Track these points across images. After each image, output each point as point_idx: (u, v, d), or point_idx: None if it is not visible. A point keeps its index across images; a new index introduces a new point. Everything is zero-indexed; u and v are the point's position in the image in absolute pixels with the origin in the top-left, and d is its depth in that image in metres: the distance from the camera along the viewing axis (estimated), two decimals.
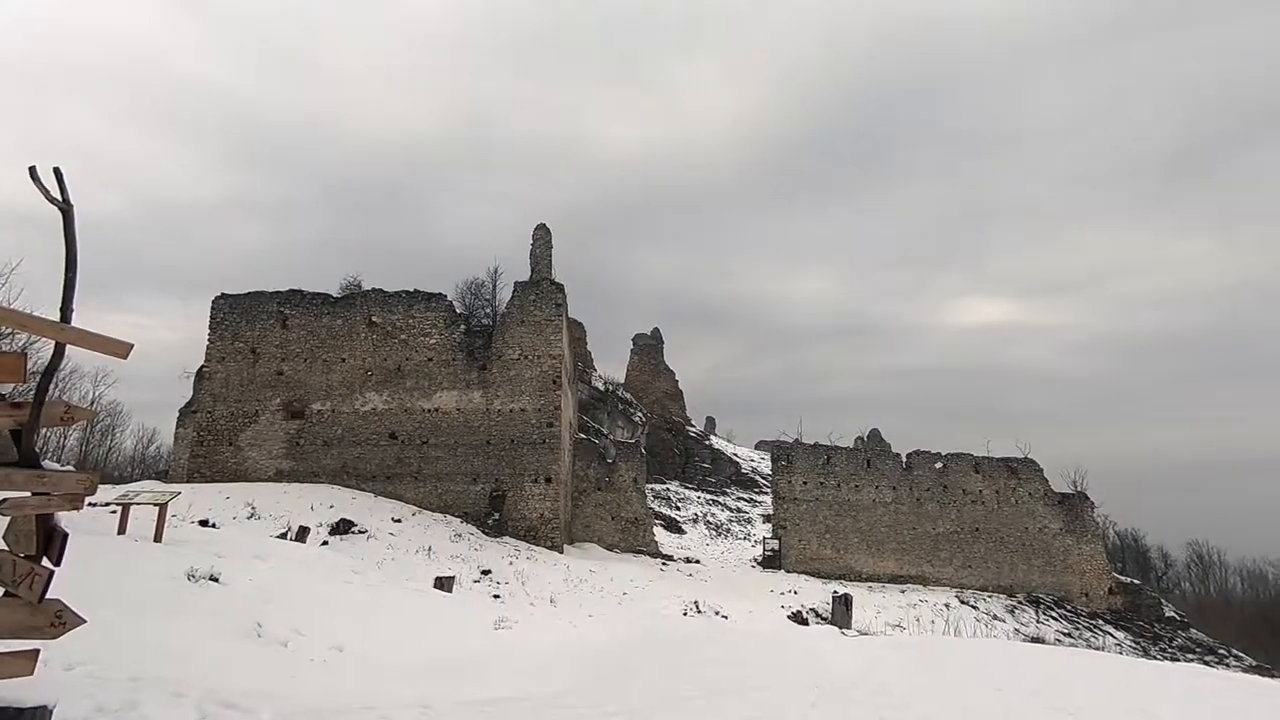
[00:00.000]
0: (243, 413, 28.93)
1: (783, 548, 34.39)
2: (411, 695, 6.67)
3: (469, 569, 21.36)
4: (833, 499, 35.25)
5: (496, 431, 28.34)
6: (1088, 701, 7.76)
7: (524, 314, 29.46)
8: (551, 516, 27.44)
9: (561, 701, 6.74)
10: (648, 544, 31.84)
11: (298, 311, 30.03)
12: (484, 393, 28.75)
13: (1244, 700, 8.00)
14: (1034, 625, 30.04)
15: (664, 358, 60.04)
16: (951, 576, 34.26)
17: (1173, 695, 8.03)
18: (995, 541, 35.14)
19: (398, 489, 27.69)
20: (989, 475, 36.23)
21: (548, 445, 28.03)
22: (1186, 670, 11.32)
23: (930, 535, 34.98)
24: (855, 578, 33.08)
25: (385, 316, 29.81)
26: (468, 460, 28.11)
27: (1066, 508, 36.16)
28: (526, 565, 22.99)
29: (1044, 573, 34.90)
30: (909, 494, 35.62)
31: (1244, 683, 10.02)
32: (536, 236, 31.97)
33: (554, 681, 8.31)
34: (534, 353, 28.97)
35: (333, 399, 29.02)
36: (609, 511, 32.22)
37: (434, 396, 28.85)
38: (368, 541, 21.97)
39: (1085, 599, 34.69)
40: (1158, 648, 31.08)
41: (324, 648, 8.58)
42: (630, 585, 23.03)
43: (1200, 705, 7.60)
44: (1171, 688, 8.47)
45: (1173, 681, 8.93)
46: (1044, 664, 10.06)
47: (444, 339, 29.46)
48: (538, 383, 28.66)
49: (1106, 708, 7.54)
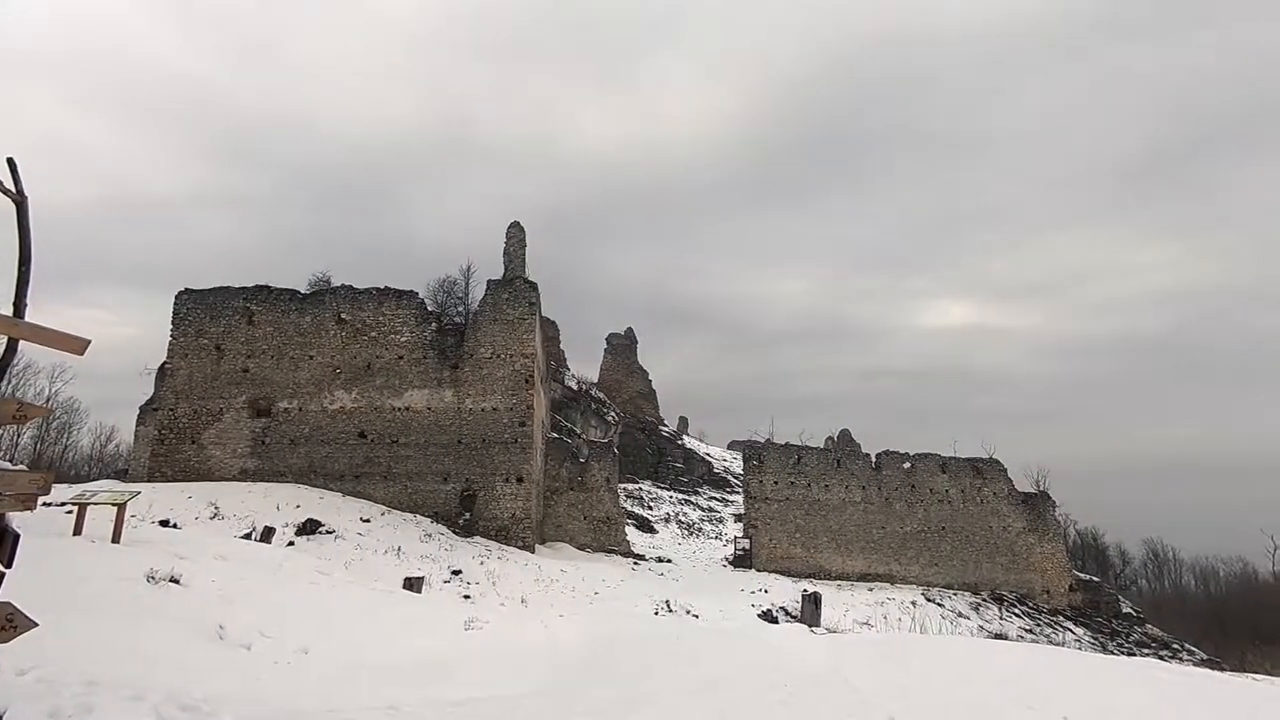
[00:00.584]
0: (206, 410, 28.30)
1: (754, 547, 34.66)
2: (378, 697, 6.60)
3: (439, 569, 21.16)
4: (803, 498, 35.61)
5: (468, 430, 28.11)
6: (1049, 694, 7.96)
7: (497, 312, 29.27)
8: (523, 516, 27.31)
9: (531, 702, 6.72)
10: (620, 543, 31.85)
11: (265, 308, 29.46)
12: (455, 391, 28.49)
13: (1191, 692, 8.29)
14: (997, 622, 30.69)
15: (637, 357, 60.13)
16: (918, 575, 34.84)
17: (1127, 688, 8.28)
18: (961, 540, 35.82)
19: (367, 489, 27.32)
20: (955, 475, 36.92)
21: (520, 445, 27.89)
22: (1141, 664, 11.67)
23: (898, 534, 35.53)
24: (825, 576, 33.46)
25: (355, 314, 29.38)
26: (438, 459, 27.84)
27: (1029, 507, 37.00)
28: (497, 565, 22.85)
29: (1007, 570, 35.67)
30: (878, 494, 36.14)
31: (1193, 675, 10.36)
32: (510, 234, 31.78)
33: (524, 682, 8.28)
34: (506, 351, 28.79)
35: (300, 397, 28.52)
36: (581, 511, 32.16)
37: (404, 395, 28.52)
38: (335, 542, 21.64)
39: (1047, 596, 35.53)
40: (1115, 643, 31.98)
41: (289, 650, 8.43)
42: (602, 585, 23.01)
43: (1151, 697, 7.85)
44: (1126, 681, 8.73)
45: (1127, 675, 9.20)
46: (1006, 659, 10.29)
47: (415, 337, 29.13)
48: (510, 382, 28.50)
49: (1066, 700, 7.75)
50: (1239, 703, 8.19)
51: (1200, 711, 7.60)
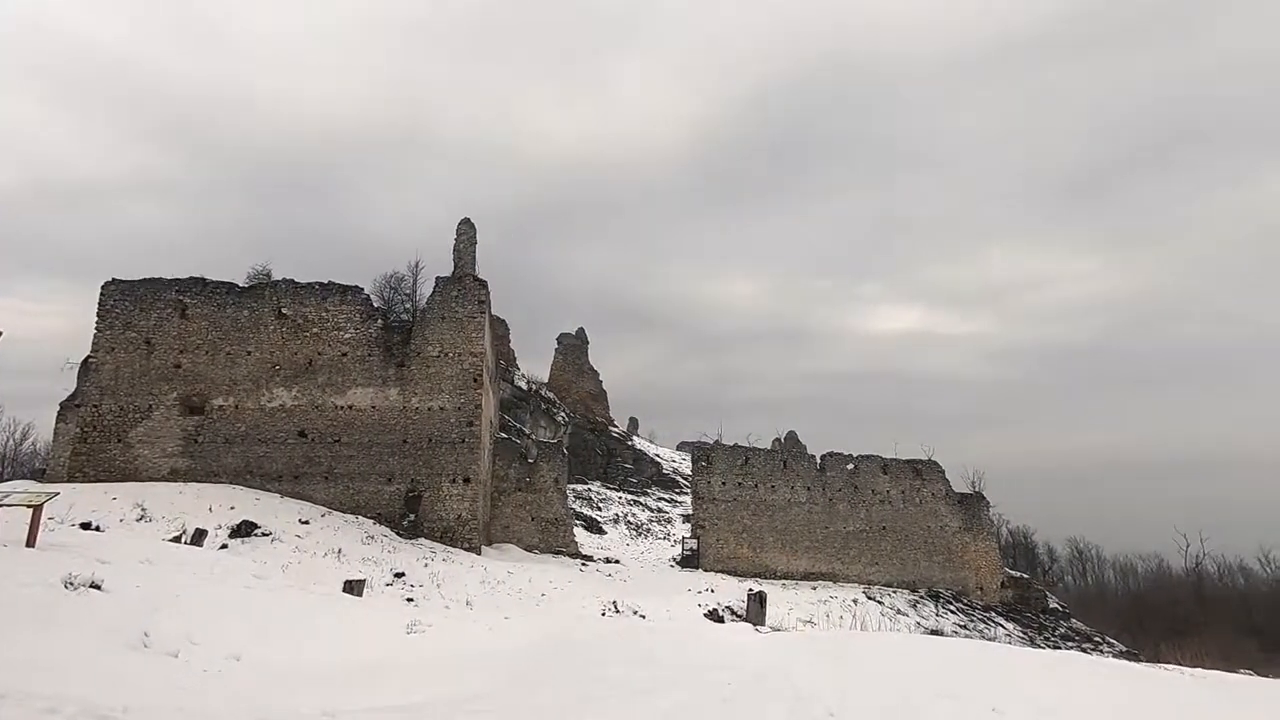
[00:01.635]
0: (134, 407, 26.99)
1: (701, 547, 34.97)
2: (314, 704, 6.41)
3: (382, 572, 20.67)
4: (750, 499, 36.11)
5: (414, 430, 27.55)
6: (978, 687, 8.28)
7: (445, 310, 28.77)
8: (469, 517, 26.91)
9: (474, 705, 6.63)
10: (568, 544, 31.71)
11: (199, 300, 28.27)
12: (401, 390, 27.90)
13: (1105, 681, 8.75)
14: (934, 618, 31.73)
15: (588, 358, 59.97)
16: (860, 573, 35.72)
17: (1050, 679, 8.68)
18: (900, 539, 36.89)
19: (306, 489, 26.49)
20: (896, 476, 38.00)
21: (467, 445, 27.48)
22: (1065, 656, 12.24)
23: (841, 534, 36.37)
24: (770, 576, 34.00)
25: (297, 309, 28.46)
26: (383, 460, 27.20)
27: (965, 507, 38.35)
28: (442, 567, 22.46)
29: (944, 568, 36.89)
30: (822, 494, 36.92)
31: (1111, 666, 10.93)
32: (460, 231, 31.30)
33: (467, 685, 8.16)
34: (455, 350, 28.33)
35: (236, 394, 27.46)
36: (529, 512, 31.89)
37: (348, 393, 27.77)
38: (272, 544, 20.91)
39: (980, 593, 36.90)
40: (1042, 637, 33.44)
41: (219, 657, 8.12)
42: (549, 586, 22.86)
43: (1071, 686, 8.24)
44: (1050, 672, 9.15)
45: (1051, 667, 9.65)
46: (940, 654, 10.65)
47: (360, 333, 28.40)
48: (458, 380, 28.05)
49: (994, 692, 8.07)
50: (1150, 690, 8.68)
51: (1115, 698, 8.03)
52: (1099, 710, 7.51)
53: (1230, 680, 10.80)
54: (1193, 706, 8.17)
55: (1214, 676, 11.09)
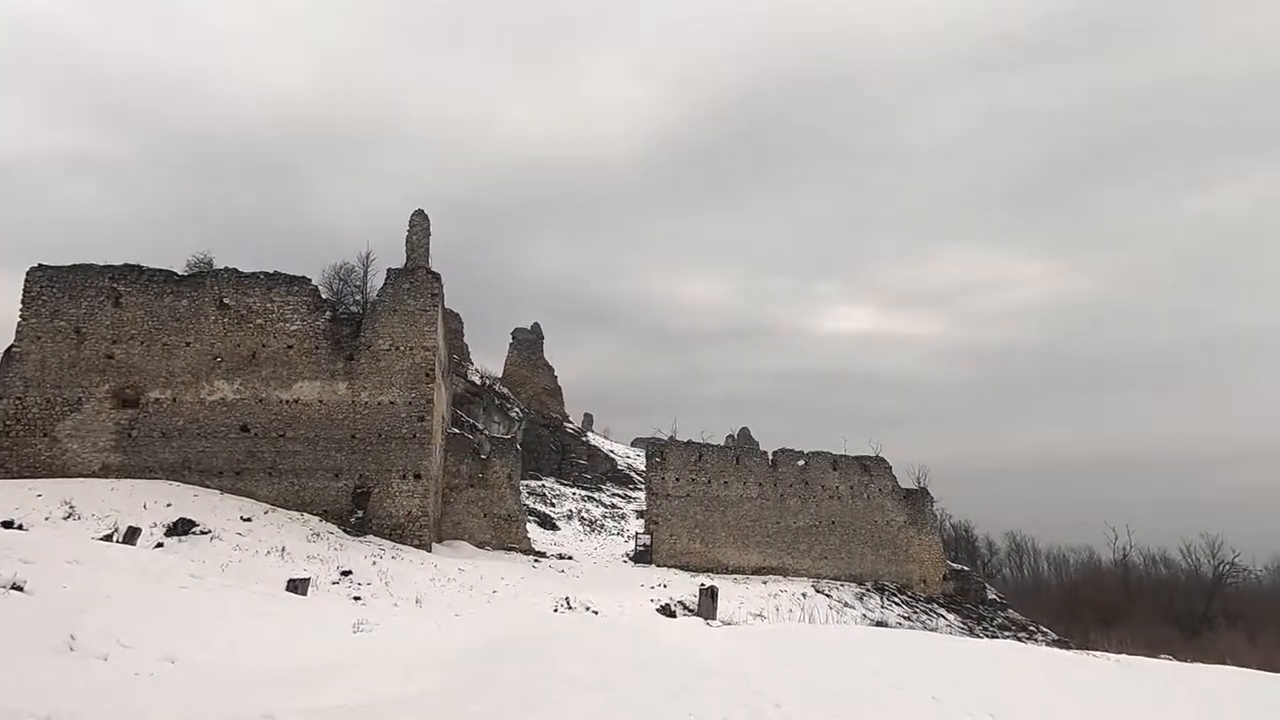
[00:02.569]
0: (62, 400, 25.69)
1: (654, 543, 35.16)
2: (254, 706, 6.22)
3: (328, 570, 20.18)
4: (703, 495, 36.46)
5: (363, 425, 26.94)
6: (919, 677, 8.55)
7: (397, 303, 28.18)
8: (420, 514, 26.47)
9: (420, 705, 6.54)
10: (520, 541, 31.49)
11: (134, 289, 27.05)
12: (350, 384, 27.23)
13: (1036, 668, 9.14)
14: (879, 611, 32.61)
15: (544, 353, 59.58)
16: (809, 567, 36.45)
17: (986, 667, 9.02)
18: (848, 534, 37.77)
19: (249, 486, 25.65)
20: (845, 472, 38.87)
21: (418, 440, 27.00)
22: (1000, 645, 12.73)
23: (791, 529, 37.03)
24: (722, 570, 34.40)
25: (240, 299, 27.49)
26: (330, 455, 26.52)
27: (911, 502, 39.49)
28: (391, 565, 22.05)
29: (889, 562, 37.93)
30: (773, 490, 37.52)
31: (1043, 654, 11.42)
32: (414, 223, 30.66)
33: (414, 684, 8.03)
34: (406, 344, 27.79)
35: (174, 387, 26.40)
36: (481, 508, 31.54)
37: (293, 387, 26.97)
38: (211, 543, 20.19)
39: (924, 585, 38.07)
40: (981, 627, 34.71)
41: (152, 659, 7.80)
42: (501, 583, 22.68)
43: (1006, 674, 8.59)
44: (986, 661, 9.51)
45: (987, 655, 10.03)
46: (884, 646, 10.95)
47: (307, 325, 27.60)
48: (409, 375, 27.53)
49: (934, 681, 8.35)
50: (1077, 676, 9.10)
51: (1044, 685, 8.39)
52: (1029, 696, 7.84)
53: (1150, 665, 11.40)
54: (1115, 690, 8.60)
55: (1137, 662, 11.70)
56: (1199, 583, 58.64)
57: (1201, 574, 59.88)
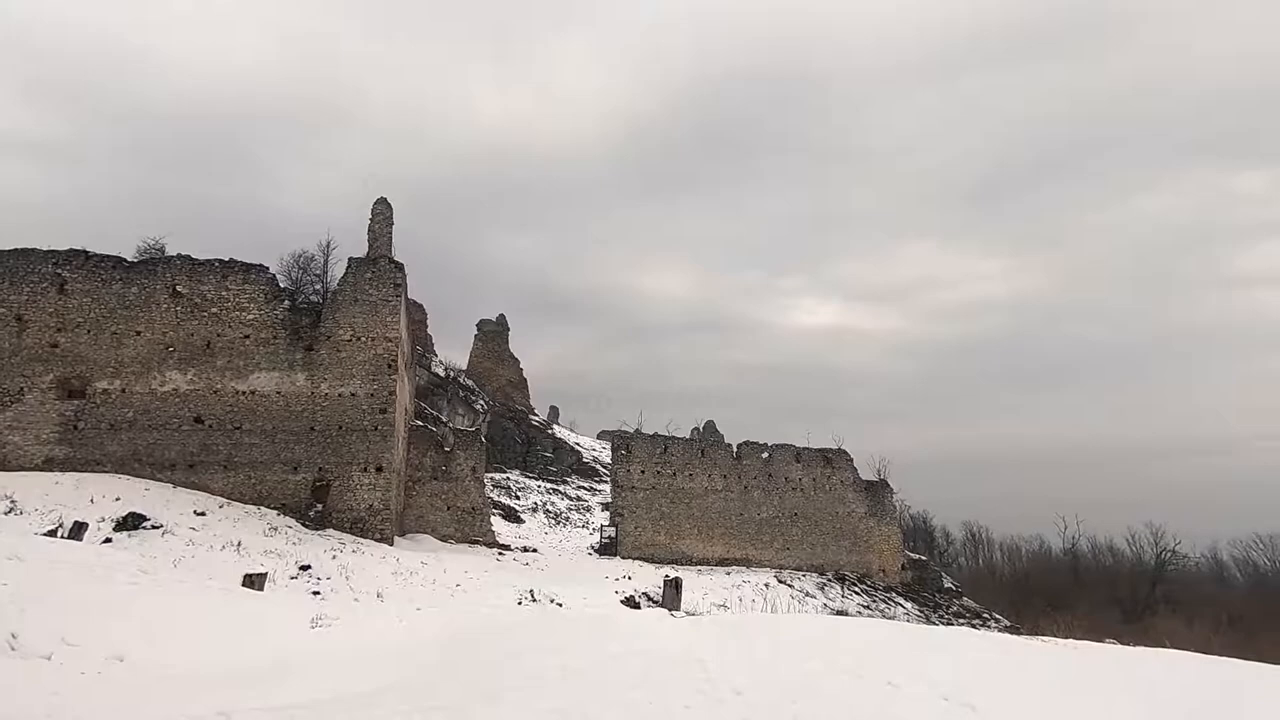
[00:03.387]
0: (2, 389, 24.65)
1: (619, 535, 35.25)
2: (208, 705, 6.09)
3: (286, 565, 19.78)
4: (668, 487, 36.66)
5: (322, 417, 26.41)
6: (877, 664, 8.75)
7: (358, 292, 27.65)
8: (381, 507, 26.10)
9: (380, 700, 6.47)
10: (485, 534, 31.29)
11: (81, 275, 26.06)
12: (309, 375, 26.66)
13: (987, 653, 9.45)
14: (840, 600, 33.24)
15: (509, 345, 59.11)
16: (772, 558, 36.95)
17: (941, 653, 9.28)
18: (810, 525, 38.37)
19: (203, 479, 24.98)
20: (808, 465, 39.45)
21: (380, 432, 26.59)
22: (955, 632, 13.10)
23: (755, 520, 37.48)
24: (686, 562, 34.67)
25: (194, 287, 26.68)
26: (288, 448, 25.95)
27: (871, 494, 40.27)
28: (352, 559, 21.71)
29: (850, 552, 38.66)
30: (738, 482, 37.90)
31: (995, 639, 11.80)
32: (376, 211, 30.07)
33: (374, 679, 7.94)
34: (368, 334, 27.30)
35: (123, 377, 25.53)
36: (445, 501, 31.23)
37: (250, 377, 26.31)
38: (163, 538, 19.62)
39: (883, 574, 38.90)
40: (937, 615, 35.64)
41: (100, 658, 7.57)
42: (465, 576, 22.51)
43: (959, 660, 8.85)
44: (940, 647, 9.79)
45: (942, 642, 10.32)
46: (842, 634, 11.17)
47: (264, 315, 26.92)
48: (371, 366, 27.06)
49: (890, 667, 8.55)
50: (1025, 660, 9.43)
51: (994, 669, 8.68)
52: (980, 680, 8.10)
53: (1095, 649, 11.87)
54: (1060, 673, 8.93)
55: (1082, 646, 12.16)
56: (1142, 570, 61.06)
57: (1144, 562, 62.38)
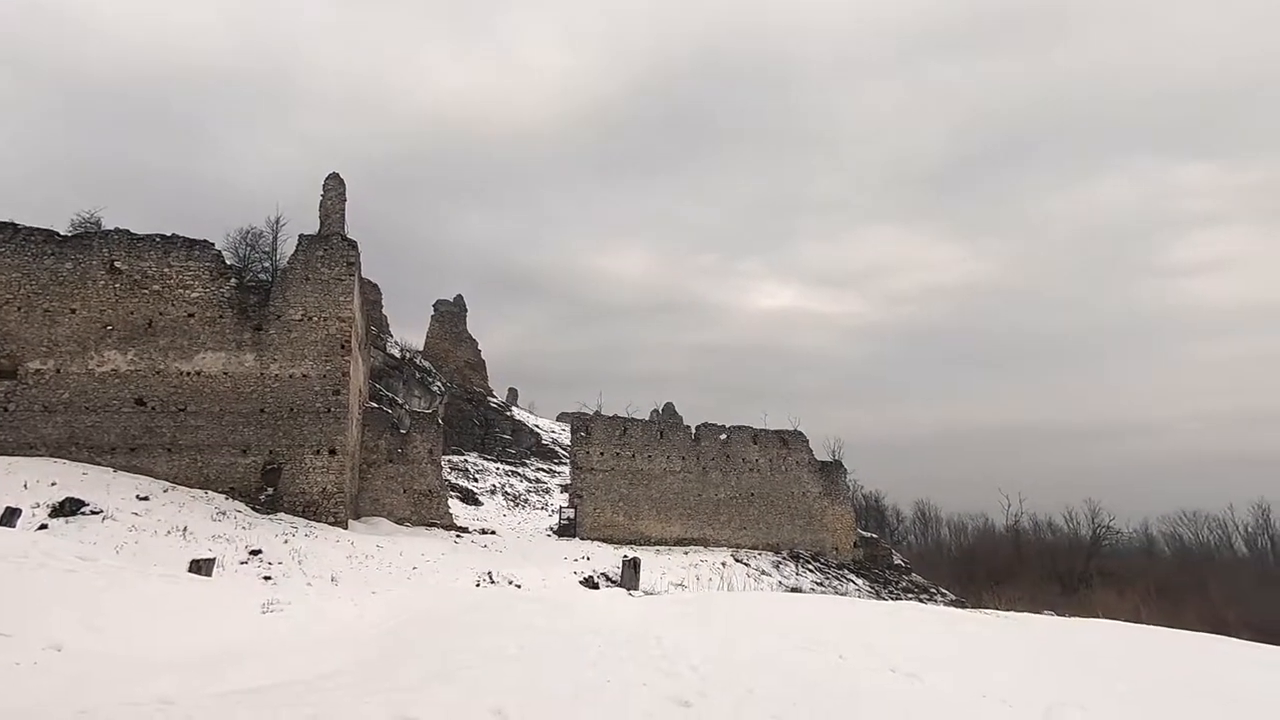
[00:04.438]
0: None
1: (578, 516, 35.36)
2: (148, 692, 5.93)
3: (235, 550, 19.31)
4: (627, 468, 36.86)
5: (273, 398, 25.71)
6: (828, 638, 9.01)
7: (310, 270, 26.86)
8: (335, 490, 25.61)
9: (331, 683, 6.39)
10: (442, 517, 31.02)
11: (8, 249, 24.70)
12: (259, 355, 25.88)
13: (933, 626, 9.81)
14: (794, 577, 34.03)
15: (467, 326, 58.33)
16: (729, 538, 37.56)
17: (889, 627, 9.60)
18: (767, 505, 39.08)
19: (145, 463, 24.11)
20: (765, 446, 40.08)
21: (333, 414, 26.02)
22: (903, 607, 13.55)
23: (712, 501, 37.99)
24: (645, 542, 35.00)
25: (134, 263, 25.55)
26: (237, 430, 25.22)
27: (826, 474, 41.17)
28: (304, 543, 21.30)
29: (805, 531, 39.53)
30: (696, 463, 38.31)
31: (937, 613, 12.25)
32: (328, 187, 29.17)
33: (328, 663, 7.84)
34: (320, 314, 26.58)
35: (57, 357, 24.39)
36: (401, 484, 30.82)
37: (195, 358, 25.41)
38: (103, 524, 18.92)
39: (836, 552, 39.93)
40: (887, 590, 36.80)
41: (36, 648, 7.29)
42: (421, 559, 22.32)
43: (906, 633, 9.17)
44: (889, 621, 10.12)
45: (890, 616, 10.67)
46: (796, 610, 11.46)
47: (210, 293, 25.97)
48: (323, 346, 26.39)
49: (841, 642, 8.82)
50: (967, 631, 9.83)
51: (939, 640, 9.02)
52: (926, 651, 8.41)
53: (1034, 619, 12.43)
54: (1000, 642, 9.34)
55: (1022, 617, 12.73)
56: (1079, 545, 64.00)
57: (1081, 537, 65.40)
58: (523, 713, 5.49)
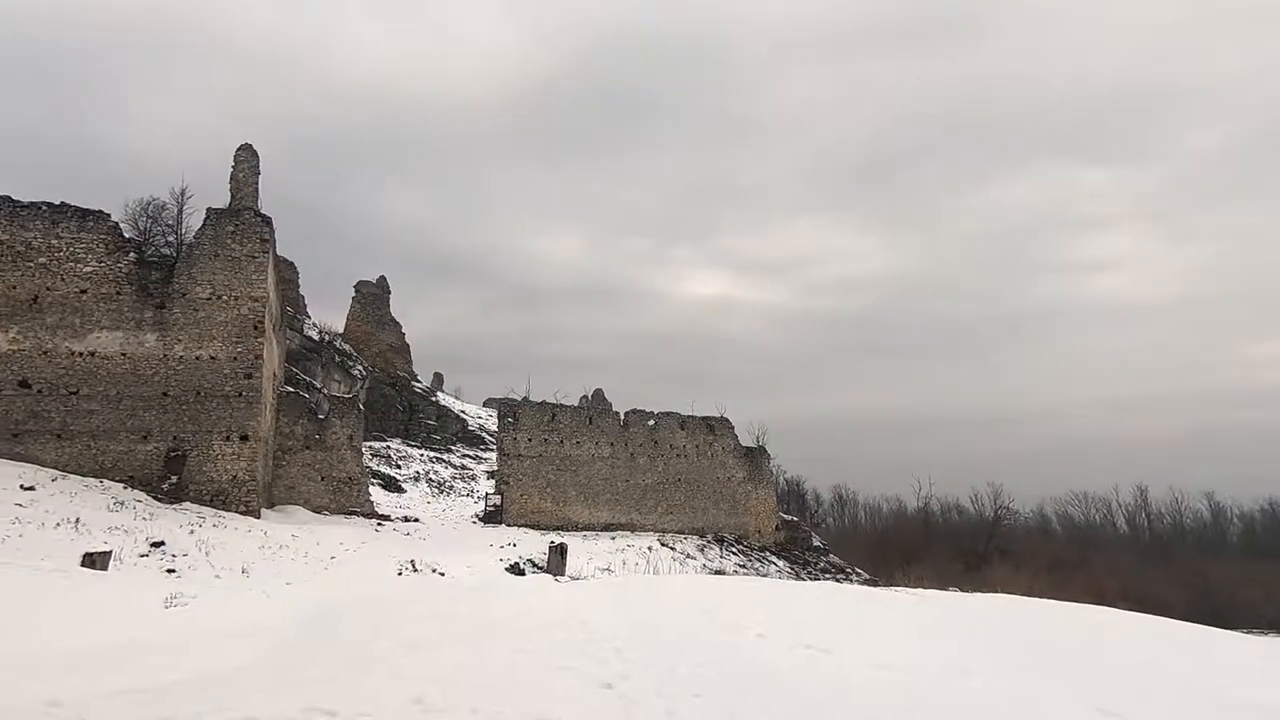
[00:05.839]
0: None
1: (505, 503, 35.04)
2: (34, 694, 5.54)
3: (134, 542, 18.18)
4: (555, 454, 36.73)
5: (177, 382, 24.25)
6: (749, 618, 9.31)
7: (219, 246, 25.38)
8: (247, 478, 24.45)
9: (239, 679, 6.15)
10: (362, 505, 30.14)
11: None
12: (161, 335, 24.33)
13: (846, 603, 10.29)
14: (718, 560, 34.85)
15: (390, 308, 56.50)
16: (656, 522, 38.05)
17: (806, 606, 10.00)
18: (693, 490, 39.78)
19: (31, 450, 22.36)
20: (692, 432, 40.72)
21: (245, 399, 24.78)
22: (820, 586, 14.13)
23: (640, 486, 38.37)
24: (573, 528, 35.04)
25: (16, 233, 23.51)
26: (136, 415, 23.68)
27: (750, 459, 42.21)
28: (212, 534, 20.28)
29: (729, 515, 40.48)
30: (624, 449, 38.56)
31: (852, 591, 12.84)
32: (240, 158, 27.55)
33: (238, 657, 7.51)
34: (230, 293, 25.19)
35: None
36: (319, 471, 29.72)
37: (88, 337, 23.65)
38: None
39: (758, 535, 41.09)
40: (806, 571, 38.21)
41: None
42: (340, 549, 21.64)
43: (819, 610, 9.59)
44: (806, 601, 10.54)
45: (807, 595, 11.11)
46: (718, 592, 11.77)
47: (105, 268, 24.19)
48: (234, 327, 25.05)
49: (760, 621, 9.13)
50: (878, 606, 10.36)
51: (853, 616, 9.47)
52: (841, 628, 8.82)
53: (939, 596, 13.21)
54: (908, 617, 9.89)
55: (929, 594, 13.50)
56: (982, 525, 68.14)
57: (985, 518, 69.64)
58: (444, 699, 5.44)
